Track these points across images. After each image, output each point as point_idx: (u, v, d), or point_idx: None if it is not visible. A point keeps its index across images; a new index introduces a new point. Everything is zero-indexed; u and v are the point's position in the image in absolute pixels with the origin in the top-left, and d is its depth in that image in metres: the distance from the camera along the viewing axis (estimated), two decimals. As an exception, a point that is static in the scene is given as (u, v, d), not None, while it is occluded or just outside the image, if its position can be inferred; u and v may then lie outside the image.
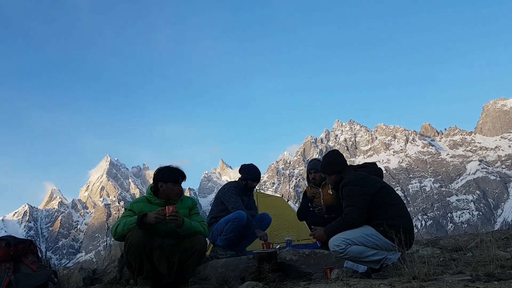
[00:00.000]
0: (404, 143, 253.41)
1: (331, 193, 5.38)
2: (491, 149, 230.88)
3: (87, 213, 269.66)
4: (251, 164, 5.43)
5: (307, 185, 5.85)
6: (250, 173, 5.31)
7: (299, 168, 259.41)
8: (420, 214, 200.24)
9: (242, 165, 5.49)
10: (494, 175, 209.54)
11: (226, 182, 5.60)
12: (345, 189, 3.39)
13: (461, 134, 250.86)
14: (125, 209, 3.69)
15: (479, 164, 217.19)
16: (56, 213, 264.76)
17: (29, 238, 3.50)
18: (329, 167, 3.73)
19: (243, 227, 4.89)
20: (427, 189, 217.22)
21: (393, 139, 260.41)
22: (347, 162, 3.80)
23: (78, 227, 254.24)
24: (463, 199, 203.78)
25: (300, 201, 5.84)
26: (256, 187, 5.68)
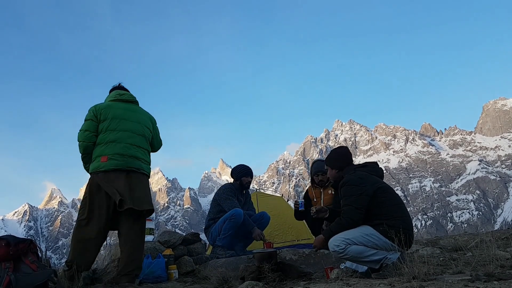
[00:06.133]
0: (404, 143, 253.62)
1: (332, 193, 5.39)
2: (491, 149, 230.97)
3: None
4: (240, 164, 5.66)
5: (310, 185, 5.84)
6: (242, 171, 5.50)
7: (299, 167, 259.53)
8: (420, 214, 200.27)
9: (232, 169, 5.69)
10: (494, 175, 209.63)
11: (225, 183, 5.74)
12: (343, 189, 3.39)
13: (461, 134, 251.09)
14: None
15: (479, 164, 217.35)
16: (56, 212, 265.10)
17: (29, 237, 3.54)
18: (334, 161, 3.74)
19: (241, 224, 4.94)
20: (427, 189, 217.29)
21: (393, 139, 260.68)
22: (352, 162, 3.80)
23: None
24: (463, 199, 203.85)
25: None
26: (256, 187, 5.74)
